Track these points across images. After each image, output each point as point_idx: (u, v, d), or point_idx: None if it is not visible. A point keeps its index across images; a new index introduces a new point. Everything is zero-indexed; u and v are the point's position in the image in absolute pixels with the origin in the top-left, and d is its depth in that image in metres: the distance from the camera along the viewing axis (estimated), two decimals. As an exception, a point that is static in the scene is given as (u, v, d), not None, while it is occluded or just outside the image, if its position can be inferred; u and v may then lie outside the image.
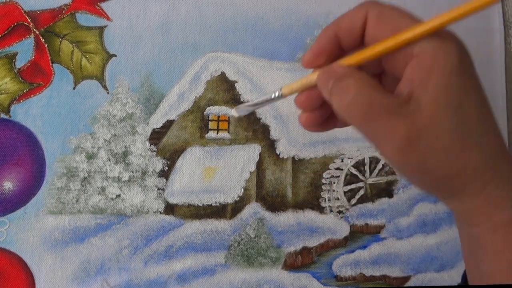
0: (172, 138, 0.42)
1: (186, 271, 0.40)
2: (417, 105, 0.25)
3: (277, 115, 0.43)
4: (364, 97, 0.25)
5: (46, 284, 0.38)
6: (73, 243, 0.39)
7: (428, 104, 0.25)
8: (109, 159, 0.40)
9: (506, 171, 0.26)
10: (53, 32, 0.41)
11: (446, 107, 0.25)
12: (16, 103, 0.39)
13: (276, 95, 0.29)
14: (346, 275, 0.42)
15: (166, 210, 0.41)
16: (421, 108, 0.25)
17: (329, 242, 0.43)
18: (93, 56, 0.41)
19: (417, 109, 0.25)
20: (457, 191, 0.26)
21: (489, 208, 0.26)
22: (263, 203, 0.42)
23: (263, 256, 0.41)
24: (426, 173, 0.26)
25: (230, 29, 0.43)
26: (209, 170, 0.42)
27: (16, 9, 0.40)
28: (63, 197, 0.39)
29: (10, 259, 0.38)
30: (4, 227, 0.38)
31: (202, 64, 0.43)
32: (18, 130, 0.39)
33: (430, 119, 0.25)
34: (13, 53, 0.40)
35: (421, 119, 0.25)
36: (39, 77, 0.40)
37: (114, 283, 0.39)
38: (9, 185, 0.38)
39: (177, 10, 0.43)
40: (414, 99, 0.25)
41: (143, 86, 0.41)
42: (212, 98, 0.43)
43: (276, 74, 0.44)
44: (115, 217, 0.40)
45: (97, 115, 0.40)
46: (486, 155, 0.25)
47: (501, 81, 0.48)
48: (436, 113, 0.25)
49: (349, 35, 0.27)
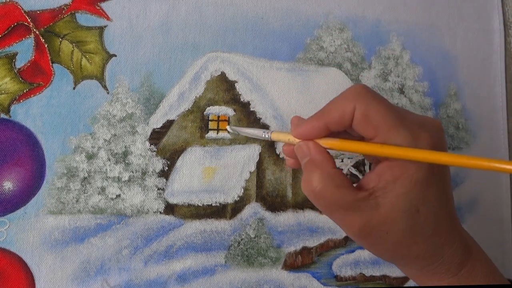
0: (172, 138, 0.42)
1: (186, 271, 0.40)
2: (376, 204, 0.28)
3: (277, 115, 0.43)
4: (326, 194, 0.28)
5: (46, 284, 0.38)
6: (73, 243, 0.39)
7: (386, 207, 0.27)
8: (109, 159, 0.40)
9: (448, 256, 0.29)
10: (53, 32, 0.41)
11: (403, 212, 0.27)
12: (16, 103, 0.39)
13: (266, 136, 0.34)
14: (346, 275, 0.42)
15: (166, 210, 0.41)
16: (379, 207, 0.28)
17: (329, 242, 0.43)
18: (93, 56, 0.41)
19: (375, 207, 0.28)
20: (401, 266, 0.32)
21: (431, 279, 0.30)
22: (263, 203, 0.42)
23: (263, 256, 0.41)
24: (376, 253, 0.30)
25: (230, 29, 0.43)
26: (209, 170, 0.42)
27: (16, 9, 0.40)
28: (63, 197, 0.39)
29: (10, 259, 0.38)
30: (4, 227, 0.38)
31: (202, 64, 0.43)
32: (18, 130, 0.39)
33: (385, 219, 0.28)
34: (13, 53, 0.40)
35: (377, 216, 0.28)
36: (39, 77, 0.40)
37: (114, 283, 0.39)
38: (9, 185, 0.38)
39: (177, 10, 0.43)
40: (375, 198, 0.28)
41: (143, 86, 0.41)
42: (212, 98, 0.43)
43: (276, 74, 0.44)
44: (115, 217, 0.40)
45: (97, 115, 0.40)
46: (432, 247, 0.29)
47: (501, 81, 0.48)
48: (391, 216, 0.27)
49: (339, 127, 0.29)
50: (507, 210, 0.47)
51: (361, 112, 0.28)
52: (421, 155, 0.26)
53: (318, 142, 0.30)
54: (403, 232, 0.28)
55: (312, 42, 0.45)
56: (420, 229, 0.28)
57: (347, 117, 0.28)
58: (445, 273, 0.30)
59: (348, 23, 0.46)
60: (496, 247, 0.46)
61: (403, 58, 0.47)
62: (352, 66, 0.46)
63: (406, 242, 0.28)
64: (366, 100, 0.28)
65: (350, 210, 0.28)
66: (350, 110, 0.28)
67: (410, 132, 0.27)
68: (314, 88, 0.44)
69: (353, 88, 0.29)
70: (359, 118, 0.28)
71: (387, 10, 0.47)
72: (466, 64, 0.48)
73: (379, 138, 0.28)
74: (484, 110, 0.48)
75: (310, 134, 0.30)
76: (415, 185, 0.27)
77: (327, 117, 0.29)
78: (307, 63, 0.45)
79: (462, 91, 0.48)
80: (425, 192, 0.27)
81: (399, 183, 0.27)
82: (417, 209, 0.27)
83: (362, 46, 0.46)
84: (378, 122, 0.27)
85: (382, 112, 0.27)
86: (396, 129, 0.27)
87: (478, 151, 0.47)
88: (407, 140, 0.27)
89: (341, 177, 0.29)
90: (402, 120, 0.28)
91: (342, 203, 0.28)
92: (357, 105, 0.28)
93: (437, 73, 0.47)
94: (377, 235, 0.28)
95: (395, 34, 0.47)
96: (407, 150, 0.27)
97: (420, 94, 0.47)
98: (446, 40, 0.48)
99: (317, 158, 0.29)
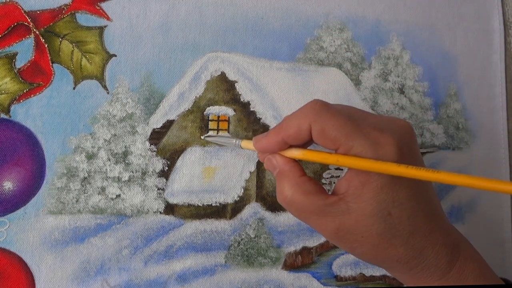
0: (172, 138, 0.42)
1: (186, 271, 0.40)
2: (347, 208, 0.28)
3: (277, 115, 0.43)
4: (297, 201, 0.30)
5: (46, 284, 0.38)
6: (73, 243, 0.39)
7: (356, 211, 0.28)
8: (109, 159, 0.40)
9: (432, 258, 0.29)
10: (53, 32, 0.41)
11: (374, 216, 0.28)
12: (16, 103, 0.39)
13: (236, 143, 0.36)
14: (346, 275, 0.42)
15: (166, 210, 0.41)
16: (350, 211, 0.28)
17: (329, 242, 0.43)
18: (93, 56, 0.41)
19: (346, 211, 0.28)
20: (387, 269, 0.32)
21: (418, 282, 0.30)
22: (263, 203, 0.42)
23: (263, 256, 0.41)
24: (358, 256, 0.31)
25: (230, 29, 0.43)
26: (209, 170, 0.42)
27: (16, 9, 0.40)
28: (63, 197, 0.39)
29: (10, 259, 0.38)
30: (4, 227, 0.38)
31: (202, 64, 0.43)
32: (18, 130, 0.39)
33: (357, 223, 0.28)
34: (13, 53, 0.40)
35: (349, 220, 0.28)
36: (39, 77, 0.40)
37: (114, 283, 0.39)
38: (9, 185, 0.38)
39: (177, 10, 0.43)
40: (346, 202, 0.28)
41: (143, 86, 0.41)
42: (212, 98, 0.43)
43: (276, 74, 0.44)
44: (115, 217, 0.40)
45: (97, 115, 0.40)
46: (412, 250, 0.29)
47: (501, 81, 0.48)
48: (363, 220, 0.28)
49: (297, 142, 0.31)
50: (507, 210, 0.47)
51: (317, 129, 0.29)
52: (369, 165, 0.27)
53: (284, 153, 0.32)
54: (378, 235, 0.28)
55: (312, 42, 0.45)
56: (396, 231, 0.28)
57: (304, 133, 0.30)
58: (431, 276, 0.30)
59: (348, 23, 0.46)
60: (496, 247, 0.46)
61: (403, 58, 0.47)
62: (352, 66, 0.46)
63: (383, 245, 0.29)
64: (321, 117, 0.29)
65: (321, 214, 0.29)
66: (306, 127, 0.29)
67: (370, 139, 0.28)
68: (314, 88, 0.44)
69: (308, 105, 0.30)
70: (316, 134, 0.29)
71: (387, 10, 0.47)
72: (466, 64, 0.48)
73: (341, 150, 0.29)
74: (484, 110, 0.48)
75: (269, 148, 0.32)
76: (381, 190, 0.28)
77: (284, 132, 0.30)
78: (307, 63, 0.45)
79: (462, 91, 0.48)
80: (393, 195, 0.28)
81: (366, 188, 0.28)
82: (389, 212, 0.28)
83: (362, 46, 0.46)
84: (335, 136, 0.28)
85: (337, 126, 0.28)
86: (354, 139, 0.28)
87: (478, 151, 0.47)
88: (367, 148, 0.28)
89: (309, 184, 0.30)
90: (360, 128, 0.28)
91: (312, 209, 0.29)
92: (313, 122, 0.29)
93: (437, 73, 0.47)
94: (353, 239, 0.29)
95: (395, 34, 0.47)
96: (358, 160, 0.28)
97: (420, 94, 0.47)
98: (446, 40, 0.48)
99: (285, 168, 0.31)
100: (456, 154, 0.47)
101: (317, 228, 0.30)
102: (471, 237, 0.45)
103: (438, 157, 0.46)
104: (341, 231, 0.29)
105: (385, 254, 0.29)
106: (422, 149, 0.46)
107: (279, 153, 0.32)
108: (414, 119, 0.46)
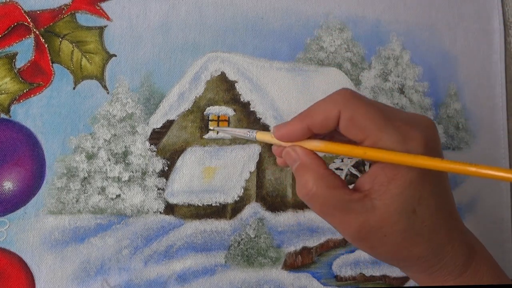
0: (172, 138, 0.42)
1: (186, 271, 0.40)
2: (372, 206, 0.27)
3: (277, 115, 0.43)
4: (320, 196, 0.28)
5: (46, 284, 0.38)
6: (73, 243, 0.39)
7: (381, 209, 0.27)
8: (109, 159, 0.40)
9: (450, 256, 0.29)
10: (53, 32, 0.41)
11: (399, 213, 0.27)
12: (16, 103, 0.39)
13: (250, 136, 0.33)
14: (346, 275, 0.42)
15: (166, 210, 0.41)
16: (375, 209, 0.27)
17: (329, 242, 0.43)
18: (93, 56, 0.41)
19: (371, 208, 0.27)
20: (404, 269, 0.31)
21: (435, 281, 0.30)
22: (263, 203, 0.42)
23: (263, 256, 0.41)
24: (377, 256, 0.30)
25: (230, 29, 0.43)
26: (209, 170, 0.42)
27: (16, 9, 0.40)
28: (63, 197, 0.39)
29: (10, 259, 0.38)
30: (4, 227, 0.38)
31: (202, 64, 0.43)
32: (18, 130, 0.39)
33: (382, 221, 0.27)
34: (13, 53, 0.40)
35: (373, 218, 0.27)
36: (39, 77, 0.40)
37: (114, 283, 0.39)
38: (9, 185, 0.38)
39: (177, 10, 0.43)
40: (370, 199, 0.27)
41: (143, 86, 0.41)
42: (212, 98, 0.43)
43: (276, 74, 0.44)
44: (115, 217, 0.40)
45: (97, 115, 0.40)
46: (433, 248, 0.28)
47: (501, 81, 0.48)
48: (388, 217, 0.27)
49: (322, 130, 0.29)
50: (507, 210, 0.47)
51: (347, 117, 0.28)
52: (400, 158, 0.26)
53: (304, 145, 0.30)
54: (401, 233, 0.27)
55: (312, 42, 0.45)
56: (419, 229, 0.28)
57: (331, 121, 0.28)
58: (449, 275, 0.29)
59: (348, 23, 0.46)
60: (496, 247, 0.46)
61: (403, 58, 0.47)
62: (352, 66, 0.46)
63: (406, 243, 0.28)
64: (352, 105, 0.28)
65: (345, 211, 0.28)
66: (334, 114, 0.28)
67: (400, 132, 0.27)
68: (314, 88, 0.44)
69: (339, 92, 0.29)
70: (346, 122, 0.28)
71: (387, 10, 0.47)
72: (466, 64, 0.48)
73: (368, 141, 0.27)
74: (484, 110, 0.48)
75: (291, 136, 0.30)
76: (409, 186, 0.27)
77: (310, 119, 0.29)
78: (307, 63, 0.45)
79: (462, 91, 0.48)
80: (420, 192, 0.27)
81: (392, 184, 0.27)
82: (414, 209, 0.27)
83: (362, 46, 0.46)
84: (365, 126, 0.27)
85: (368, 115, 0.27)
86: (384, 131, 0.27)
87: (478, 151, 0.47)
88: (397, 141, 0.27)
89: (333, 178, 0.28)
90: (391, 121, 0.27)
91: (336, 204, 0.28)
92: (343, 110, 0.28)
93: (437, 73, 0.47)
94: (375, 238, 0.28)
95: (395, 34, 0.47)
96: (388, 153, 0.26)
97: (420, 94, 0.47)
98: (446, 40, 0.48)
99: (307, 161, 0.29)
100: (456, 154, 0.47)
101: (339, 226, 0.29)
102: (471, 237, 0.45)
103: (438, 157, 0.46)
104: (363, 230, 0.28)
105: (406, 252, 0.28)
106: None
107: (300, 145, 0.30)
108: (414, 119, 0.46)
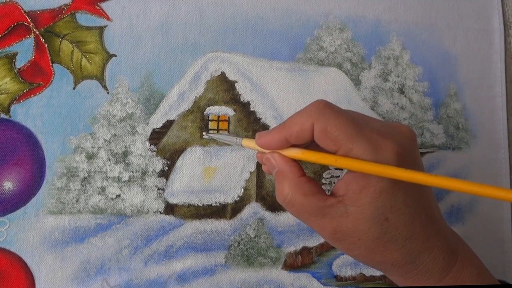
0: (172, 138, 0.42)
1: (186, 271, 0.40)
2: (345, 211, 0.28)
3: (277, 115, 0.43)
4: (295, 202, 0.30)
5: (46, 284, 0.38)
6: (73, 243, 0.39)
7: (354, 214, 0.28)
8: (109, 159, 0.40)
9: (428, 263, 0.30)
10: (53, 32, 0.41)
11: (371, 220, 0.28)
12: (16, 103, 0.39)
13: (237, 142, 0.35)
14: (346, 275, 0.42)
15: (166, 210, 0.41)
16: (348, 214, 0.28)
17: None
18: (93, 56, 0.41)
19: (344, 213, 0.28)
20: (382, 271, 0.32)
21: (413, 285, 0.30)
22: (263, 203, 0.42)
23: (263, 256, 0.41)
24: (354, 257, 0.31)
25: (230, 29, 0.43)
26: (209, 170, 0.42)
27: (16, 9, 0.40)
28: (63, 197, 0.39)
29: (10, 259, 0.38)
30: (4, 227, 0.38)
31: (202, 64, 0.43)
32: (18, 130, 0.39)
33: (354, 226, 0.28)
34: (13, 53, 0.40)
35: (346, 223, 0.28)
36: (39, 77, 0.40)
37: (114, 283, 0.39)
38: (9, 185, 0.38)
39: (177, 10, 0.43)
40: (344, 205, 0.29)
41: (143, 86, 0.41)
42: (212, 98, 0.43)
43: (276, 74, 0.44)
44: (115, 217, 0.40)
45: (97, 115, 0.40)
46: (408, 255, 0.29)
47: (501, 81, 0.48)
48: (360, 223, 0.28)
49: (299, 141, 0.31)
50: (507, 210, 0.47)
51: (319, 129, 0.29)
52: (369, 168, 0.27)
53: (283, 152, 0.31)
54: (374, 239, 0.28)
55: (312, 42, 0.45)
56: (392, 236, 0.28)
57: (306, 133, 0.30)
58: (427, 280, 0.30)
59: (348, 23, 0.46)
60: (496, 247, 0.46)
61: (403, 58, 0.47)
62: (352, 66, 0.46)
63: (379, 249, 0.29)
64: (324, 116, 0.29)
65: (320, 215, 0.29)
66: (309, 126, 0.29)
67: (370, 142, 0.28)
68: (314, 88, 0.44)
69: (313, 104, 0.30)
70: (319, 134, 0.29)
71: (387, 10, 0.47)
72: (466, 64, 0.48)
73: (341, 152, 0.29)
74: (484, 110, 0.48)
75: (270, 145, 0.31)
76: (380, 195, 0.28)
77: (287, 131, 0.30)
78: (307, 63, 0.45)
79: (462, 91, 0.47)
80: (392, 201, 0.28)
81: (364, 193, 0.28)
82: (386, 217, 0.28)
83: (362, 46, 0.46)
84: (337, 136, 0.28)
85: (340, 126, 0.28)
86: (355, 141, 0.28)
87: (478, 151, 0.47)
88: (368, 151, 0.28)
89: (309, 185, 0.30)
90: (362, 130, 0.28)
91: (311, 210, 0.29)
92: (316, 121, 0.29)
93: (437, 73, 0.47)
94: (349, 241, 0.29)
95: (395, 34, 0.47)
96: (358, 162, 0.28)
97: (420, 94, 0.47)
98: (446, 40, 0.48)
99: (284, 168, 0.31)
100: (456, 154, 0.47)
101: (316, 228, 0.30)
102: (471, 237, 0.45)
103: (438, 157, 0.46)
104: (338, 233, 0.29)
105: (380, 257, 0.29)
106: (422, 149, 0.46)
107: (279, 152, 0.32)
108: (414, 119, 0.46)
